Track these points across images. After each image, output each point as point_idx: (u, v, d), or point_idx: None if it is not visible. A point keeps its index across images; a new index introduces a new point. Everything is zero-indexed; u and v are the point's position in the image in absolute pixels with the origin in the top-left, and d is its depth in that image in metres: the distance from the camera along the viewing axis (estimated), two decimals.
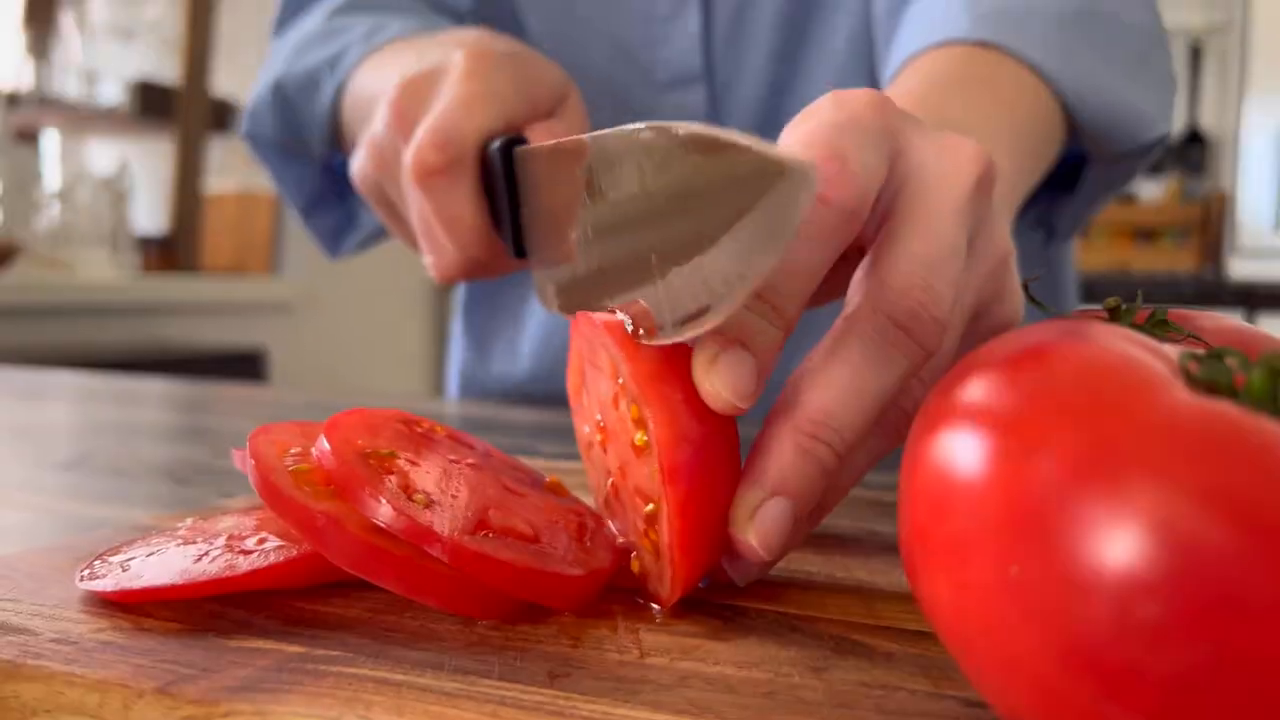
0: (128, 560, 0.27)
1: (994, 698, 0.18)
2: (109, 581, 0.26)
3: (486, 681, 0.21)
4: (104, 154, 2.60)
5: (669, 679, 0.22)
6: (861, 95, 0.28)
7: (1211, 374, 0.17)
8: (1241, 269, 3.40)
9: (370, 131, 0.46)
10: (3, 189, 2.04)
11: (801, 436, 0.26)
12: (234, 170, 2.55)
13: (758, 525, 0.25)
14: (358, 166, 0.47)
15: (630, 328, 0.27)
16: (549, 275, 0.34)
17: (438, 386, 2.88)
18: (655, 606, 0.27)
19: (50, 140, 2.53)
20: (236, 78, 2.52)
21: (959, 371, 0.20)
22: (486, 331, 0.75)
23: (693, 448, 0.25)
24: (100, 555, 0.28)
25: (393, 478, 0.27)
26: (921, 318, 0.26)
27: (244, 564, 0.26)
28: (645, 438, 0.26)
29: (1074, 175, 0.54)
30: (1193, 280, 2.99)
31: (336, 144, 0.59)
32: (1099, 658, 0.16)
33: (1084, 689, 0.16)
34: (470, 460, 0.31)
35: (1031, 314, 0.27)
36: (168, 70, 2.34)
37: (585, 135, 0.29)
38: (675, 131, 0.24)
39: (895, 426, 0.28)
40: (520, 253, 0.40)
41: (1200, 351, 0.18)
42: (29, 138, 2.34)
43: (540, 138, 0.41)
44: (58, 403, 0.71)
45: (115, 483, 0.44)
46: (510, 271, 0.46)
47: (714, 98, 0.63)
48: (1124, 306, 0.27)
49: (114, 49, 2.35)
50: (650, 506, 0.26)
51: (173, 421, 0.66)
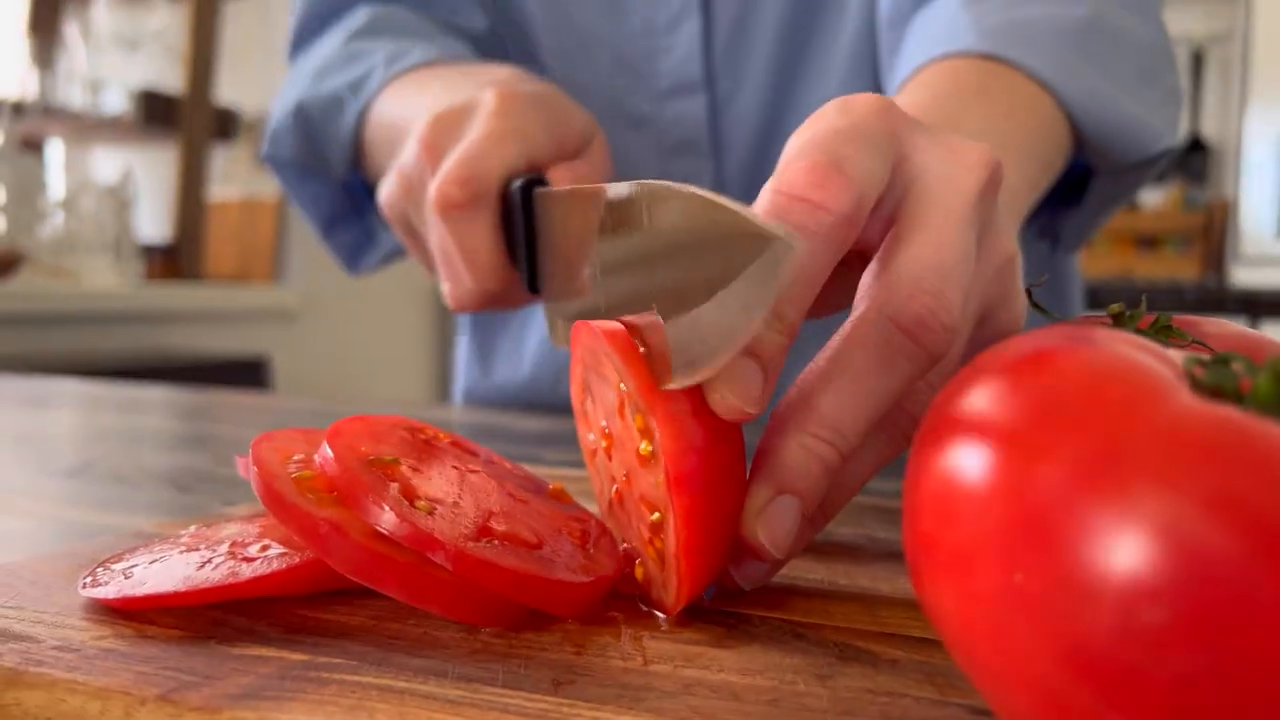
0: (130, 567, 0.27)
1: (999, 704, 0.18)
2: (111, 589, 0.26)
3: (490, 689, 0.21)
4: (108, 163, 2.60)
5: (673, 686, 0.22)
6: (866, 100, 0.28)
7: (1217, 379, 0.17)
8: (1244, 277, 3.40)
9: (400, 161, 0.47)
10: (7, 197, 2.04)
11: (806, 437, 0.26)
12: (237, 179, 2.56)
13: (766, 523, 0.26)
14: (385, 194, 0.48)
15: (633, 336, 0.27)
16: (560, 310, 0.35)
17: (441, 394, 2.88)
18: (659, 614, 0.27)
19: (54, 149, 2.54)
20: (240, 87, 2.52)
21: (964, 377, 0.20)
22: (491, 339, 0.75)
23: (699, 456, 0.25)
24: (103, 562, 0.28)
25: (396, 485, 0.26)
26: (929, 324, 0.26)
27: (247, 571, 0.26)
28: (651, 447, 0.26)
29: (1080, 187, 0.54)
30: (1196, 288, 2.99)
31: (357, 165, 0.60)
32: (1104, 663, 0.15)
33: (1089, 695, 0.16)
34: (474, 467, 0.31)
35: (1036, 320, 0.27)
36: (171, 79, 2.35)
37: (602, 184, 0.29)
38: (679, 190, 0.25)
39: (901, 431, 0.29)
40: (534, 288, 0.41)
41: (1205, 357, 0.18)
42: (33, 146, 2.34)
43: (563, 178, 0.43)
44: (61, 410, 0.72)
45: (118, 490, 0.44)
46: (523, 304, 0.47)
47: (715, 106, 0.64)
48: (1128, 312, 0.27)
49: (118, 58, 2.35)
50: (656, 515, 0.26)
51: (176, 429, 0.66)
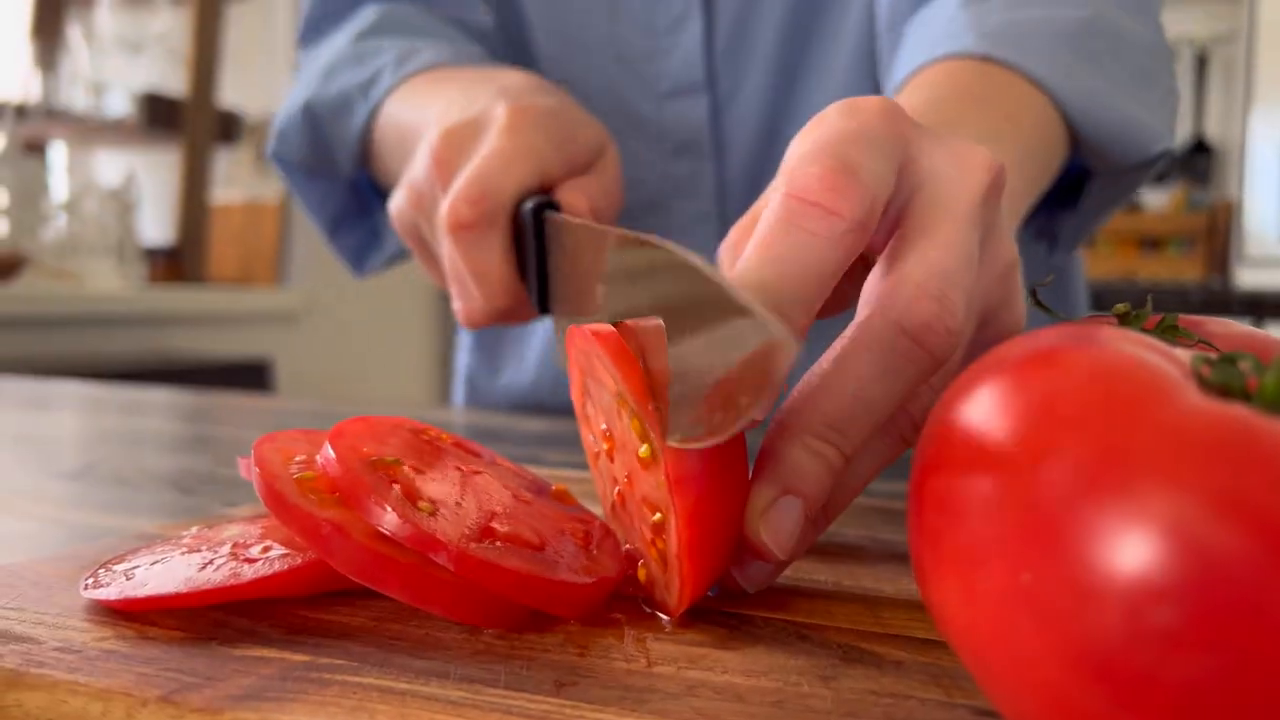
0: (132, 569, 0.27)
1: (1005, 705, 0.18)
2: (113, 590, 0.25)
3: (492, 690, 0.21)
4: (111, 165, 2.60)
5: (676, 688, 0.22)
6: (871, 103, 0.28)
7: (1224, 378, 0.17)
8: (1248, 278, 3.39)
9: (410, 174, 0.47)
10: (10, 200, 2.05)
11: (810, 438, 0.26)
12: (240, 181, 2.56)
13: (769, 524, 0.26)
14: (396, 206, 0.48)
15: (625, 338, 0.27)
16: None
17: (443, 396, 2.88)
18: (662, 615, 0.26)
19: (57, 152, 2.54)
20: (243, 90, 2.52)
21: (969, 377, 0.20)
22: (494, 342, 0.75)
23: (700, 457, 0.25)
24: (104, 564, 0.27)
25: (398, 485, 0.26)
26: (934, 328, 0.26)
27: (248, 572, 0.26)
28: (649, 449, 0.26)
29: (1078, 188, 0.54)
30: (1199, 289, 2.99)
31: (364, 165, 0.60)
32: (1111, 664, 0.15)
33: (1096, 696, 0.16)
34: (476, 468, 0.31)
35: (1041, 320, 0.27)
36: (174, 82, 2.35)
37: (610, 229, 0.29)
38: (688, 259, 0.24)
39: (901, 432, 0.29)
40: (545, 308, 0.41)
41: (1212, 355, 0.18)
42: (36, 149, 2.34)
43: (574, 197, 0.43)
44: (64, 412, 0.72)
45: (120, 492, 0.44)
46: (533, 320, 0.47)
47: (716, 107, 0.64)
48: (1134, 312, 0.27)
49: (121, 61, 2.36)
50: (657, 515, 0.26)
51: (178, 431, 0.66)
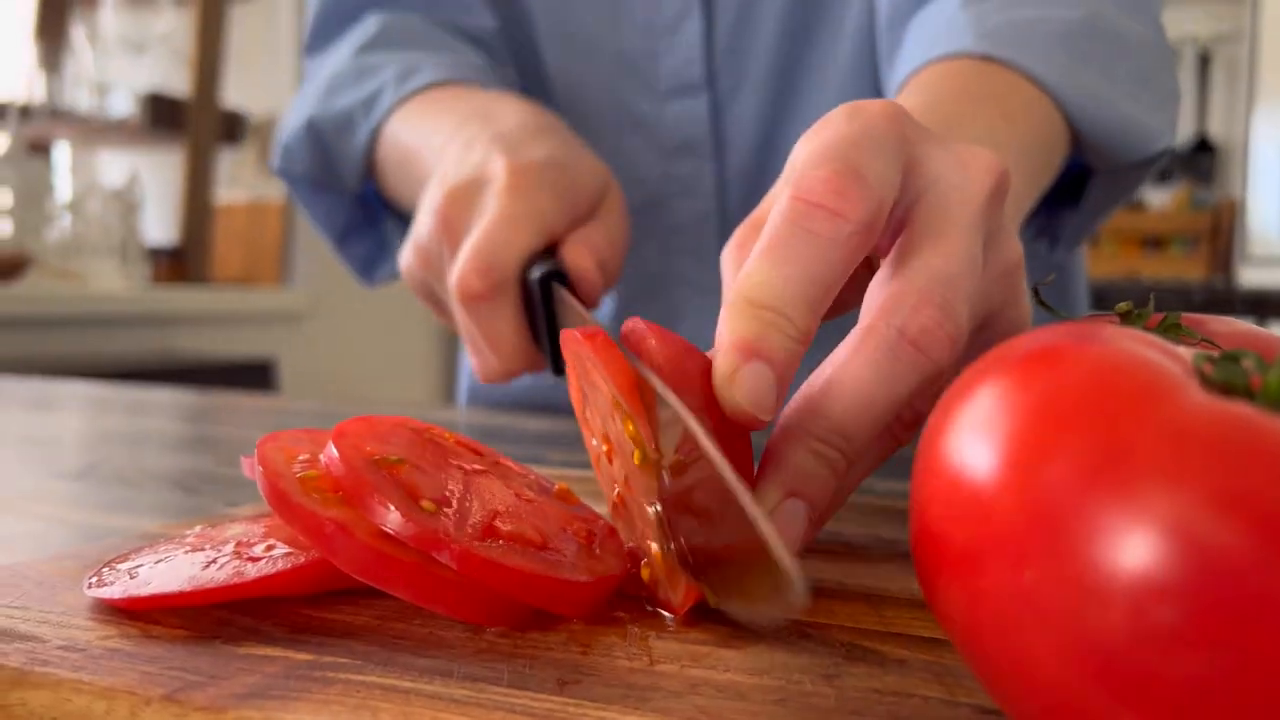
0: (135, 568, 0.27)
1: (1008, 704, 0.18)
2: (117, 589, 0.26)
3: (495, 689, 0.21)
4: (115, 166, 2.61)
5: (679, 686, 0.22)
6: (876, 106, 0.28)
7: (1227, 375, 0.17)
8: (1251, 277, 3.39)
9: (417, 234, 0.48)
10: (14, 200, 2.05)
11: (814, 442, 0.26)
12: (243, 182, 2.56)
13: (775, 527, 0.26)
14: (406, 266, 0.50)
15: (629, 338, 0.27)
16: None
17: (446, 396, 2.88)
18: (665, 614, 0.26)
19: (61, 152, 2.55)
20: (246, 90, 2.53)
21: (972, 375, 0.20)
22: None
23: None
24: (108, 563, 0.28)
25: (401, 484, 0.26)
26: (935, 335, 0.26)
27: (252, 571, 0.26)
28: (642, 455, 0.26)
29: (1078, 186, 0.54)
30: (1202, 288, 2.98)
31: (370, 178, 0.61)
32: (1114, 663, 0.15)
33: (1099, 694, 0.16)
34: (479, 467, 0.31)
35: (1043, 318, 0.27)
36: (178, 83, 2.35)
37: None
38: (708, 449, 0.24)
39: (893, 431, 0.29)
40: (558, 370, 0.42)
41: (1215, 354, 0.18)
42: (40, 150, 2.35)
43: (578, 253, 0.44)
44: (67, 412, 0.72)
45: (124, 492, 0.44)
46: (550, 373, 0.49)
47: (716, 107, 0.64)
48: (1136, 311, 0.27)
49: (125, 62, 2.36)
50: (657, 506, 0.26)
51: (181, 431, 0.66)
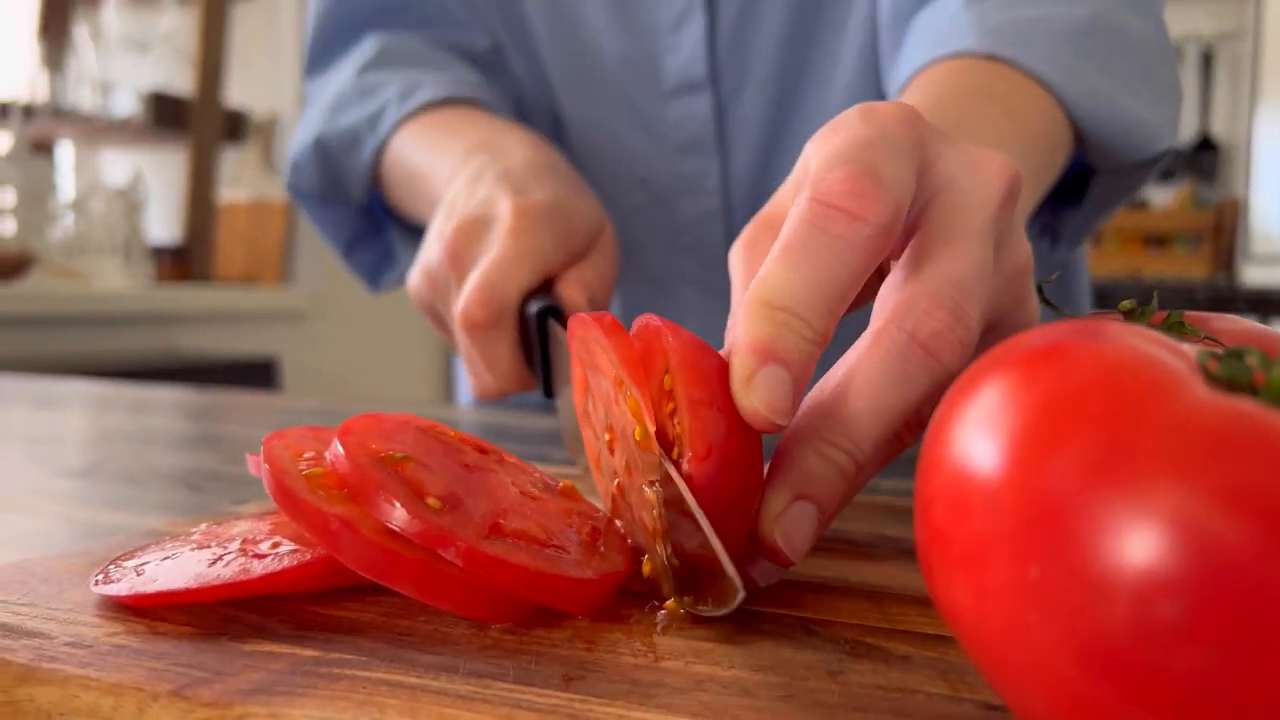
0: (142, 565, 0.27)
1: (1013, 700, 0.18)
2: (123, 586, 0.26)
3: (501, 685, 0.21)
4: (118, 165, 2.61)
5: (684, 682, 0.22)
6: (890, 108, 0.28)
7: (1231, 372, 0.17)
8: (1254, 275, 3.38)
9: (425, 258, 0.51)
10: (18, 200, 2.05)
11: (824, 445, 0.26)
12: (246, 181, 2.56)
13: (783, 528, 0.26)
14: (414, 287, 0.53)
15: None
16: (571, 427, 0.37)
17: (449, 394, 2.88)
18: (665, 607, 0.26)
19: (65, 151, 2.55)
20: (249, 89, 2.53)
21: (976, 372, 0.20)
22: None
23: (715, 459, 0.25)
24: (114, 560, 0.28)
25: (407, 482, 0.26)
26: (946, 339, 0.26)
27: (258, 568, 0.26)
28: (644, 431, 0.26)
29: (1081, 185, 0.54)
30: (1205, 287, 2.98)
31: (375, 189, 0.64)
32: (1119, 658, 0.15)
33: (1104, 690, 0.16)
34: (484, 465, 0.31)
35: (1046, 316, 0.27)
36: (181, 82, 2.35)
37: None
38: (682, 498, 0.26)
39: (897, 432, 0.29)
40: (550, 394, 0.45)
41: (1219, 350, 0.18)
42: (44, 149, 2.35)
43: (572, 290, 0.47)
44: (72, 411, 0.72)
45: (129, 490, 0.44)
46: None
47: (720, 105, 0.64)
48: (1140, 309, 0.27)
49: (128, 61, 2.36)
50: (655, 486, 0.26)
51: (185, 429, 0.66)
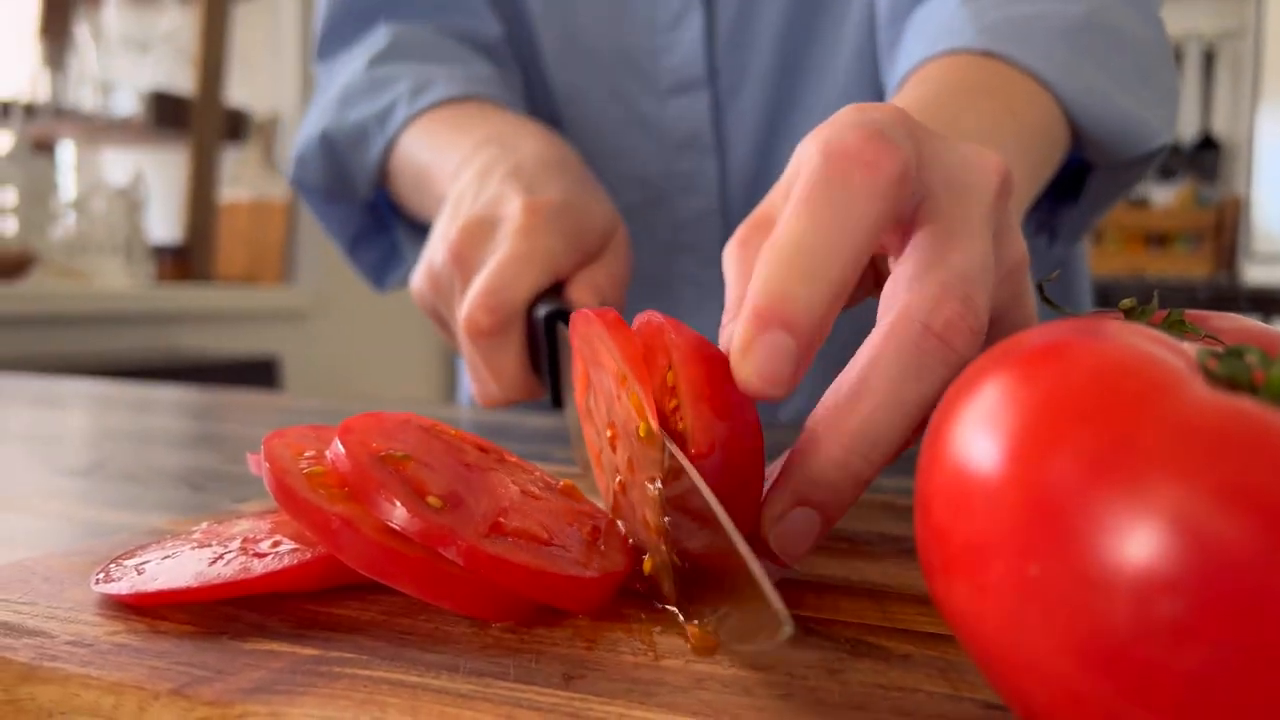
0: (143, 564, 0.27)
1: (1013, 699, 0.18)
2: (124, 585, 0.26)
3: (501, 684, 0.21)
4: (119, 164, 2.61)
5: (684, 681, 0.22)
6: (882, 108, 0.28)
7: (1231, 370, 0.17)
8: (1256, 274, 3.38)
9: (429, 258, 0.49)
10: (19, 199, 2.05)
11: (839, 450, 0.26)
12: (247, 180, 2.56)
13: (781, 533, 0.26)
14: (417, 288, 0.51)
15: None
16: (579, 435, 0.36)
17: (450, 393, 2.88)
18: (669, 607, 0.27)
19: (66, 151, 2.55)
20: (250, 89, 2.53)
21: (976, 370, 0.20)
22: None
23: (717, 458, 0.25)
24: (116, 559, 0.28)
25: (407, 480, 0.26)
26: (960, 327, 0.26)
27: (259, 567, 0.26)
28: (646, 427, 0.26)
29: (1077, 181, 0.54)
30: (1207, 285, 2.98)
31: (382, 186, 0.63)
32: (1119, 657, 0.15)
33: (1104, 688, 0.16)
34: (484, 464, 0.31)
35: (1046, 315, 0.27)
36: (182, 81, 2.36)
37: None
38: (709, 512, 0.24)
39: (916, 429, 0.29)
40: (557, 403, 0.44)
41: (1219, 349, 0.18)
42: (45, 148, 2.35)
43: (583, 293, 0.45)
44: (73, 410, 0.72)
45: (130, 489, 0.44)
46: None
47: (718, 103, 0.64)
48: (1140, 307, 0.27)
49: (129, 60, 2.36)
50: (658, 485, 0.26)
51: (187, 428, 0.66)
